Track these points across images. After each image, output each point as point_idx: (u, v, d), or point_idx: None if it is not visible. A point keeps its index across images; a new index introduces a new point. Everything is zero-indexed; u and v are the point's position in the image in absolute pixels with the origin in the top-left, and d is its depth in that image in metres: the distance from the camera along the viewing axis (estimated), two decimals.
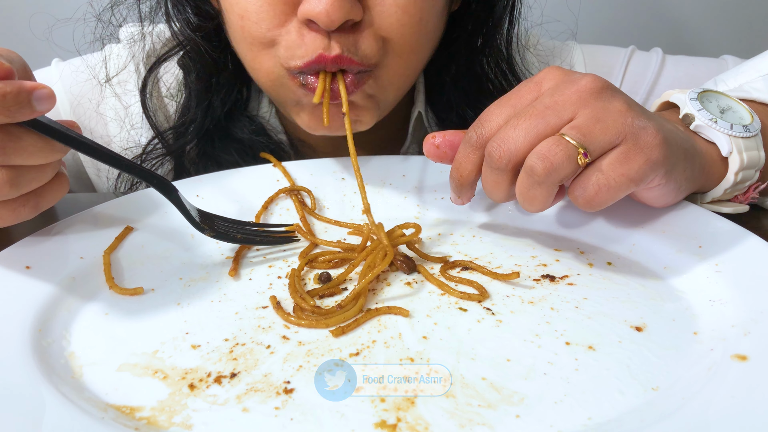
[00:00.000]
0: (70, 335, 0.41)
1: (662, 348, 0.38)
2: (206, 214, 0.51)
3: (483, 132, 0.46)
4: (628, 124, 0.42)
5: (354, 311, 0.42)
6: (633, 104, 0.45)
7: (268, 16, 0.53)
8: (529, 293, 0.44)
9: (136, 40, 0.72)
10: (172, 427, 0.33)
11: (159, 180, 0.48)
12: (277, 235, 0.53)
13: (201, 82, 0.69)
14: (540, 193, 0.43)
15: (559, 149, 0.41)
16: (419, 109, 0.73)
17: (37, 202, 0.44)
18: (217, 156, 0.70)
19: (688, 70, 0.78)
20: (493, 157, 0.44)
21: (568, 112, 0.43)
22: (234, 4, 0.55)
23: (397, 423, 0.33)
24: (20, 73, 0.43)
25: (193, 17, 0.68)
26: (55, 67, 0.76)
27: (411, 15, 0.54)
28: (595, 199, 0.42)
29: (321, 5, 0.49)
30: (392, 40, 0.55)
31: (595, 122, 0.42)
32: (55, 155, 0.43)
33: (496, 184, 0.45)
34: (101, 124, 0.75)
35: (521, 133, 0.43)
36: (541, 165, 0.41)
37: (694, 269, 0.45)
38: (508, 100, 0.46)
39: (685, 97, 0.53)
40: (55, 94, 0.40)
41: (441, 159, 0.50)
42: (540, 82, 0.46)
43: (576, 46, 0.80)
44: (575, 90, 0.44)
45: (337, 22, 0.50)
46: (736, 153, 0.50)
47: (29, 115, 0.39)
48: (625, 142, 0.42)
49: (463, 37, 0.69)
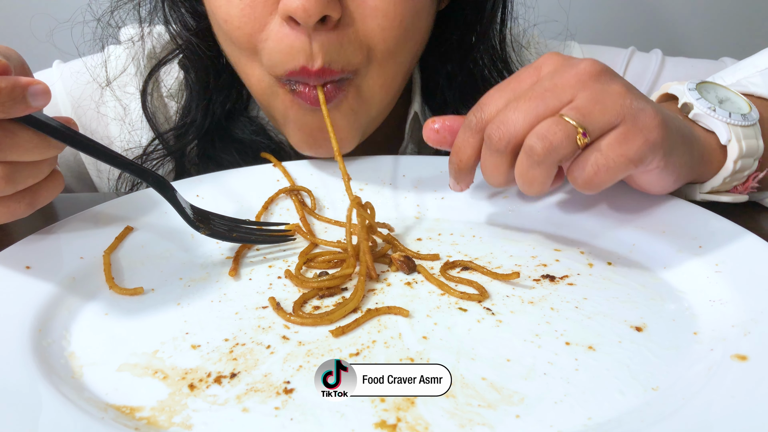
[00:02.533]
0: (70, 335, 0.41)
1: (662, 348, 0.38)
2: (202, 212, 0.51)
3: (482, 115, 0.46)
4: (627, 105, 0.43)
5: (354, 302, 0.43)
6: (631, 87, 0.45)
7: (249, 19, 0.53)
8: (529, 293, 0.44)
9: (136, 42, 0.72)
10: (172, 427, 0.33)
11: (155, 177, 0.48)
12: (274, 234, 0.53)
13: (200, 82, 0.69)
14: (539, 174, 0.43)
15: (558, 129, 0.41)
16: (415, 109, 0.73)
17: (32, 200, 0.44)
18: (218, 156, 0.70)
19: (687, 72, 0.79)
20: (492, 139, 0.44)
21: (568, 94, 0.43)
22: (217, 8, 0.55)
23: (397, 423, 0.33)
24: (18, 70, 0.43)
25: (189, 18, 0.68)
26: (56, 68, 0.76)
27: (391, 18, 0.54)
28: (594, 180, 0.43)
29: (298, 0, 0.49)
30: (374, 47, 0.55)
31: (594, 103, 0.42)
32: (51, 152, 0.42)
33: (496, 167, 0.46)
34: (102, 125, 0.75)
35: (520, 115, 0.43)
36: (541, 144, 0.42)
37: (694, 269, 0.45)
38: (507, 84, 0.47)
39: (683, 88, 0.53)
40: (50, 90, 0.40)
41: (440, 144, 0.50)
42: (539, 67, 0.47)
43: (576, 46, 0.80)
44: (574, 73, 0.44)
45: (315, 17, 0.49)
46: (735, 141, 0.50)
47: (24, 111, 0.39)
48: (624, 123, 0.42)
49: (455, 36, 0.69)
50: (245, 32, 0.54)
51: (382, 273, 0.48)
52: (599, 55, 0.80)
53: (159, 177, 0.48)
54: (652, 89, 0.78)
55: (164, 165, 0.72)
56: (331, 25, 0.52)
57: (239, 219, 0.53)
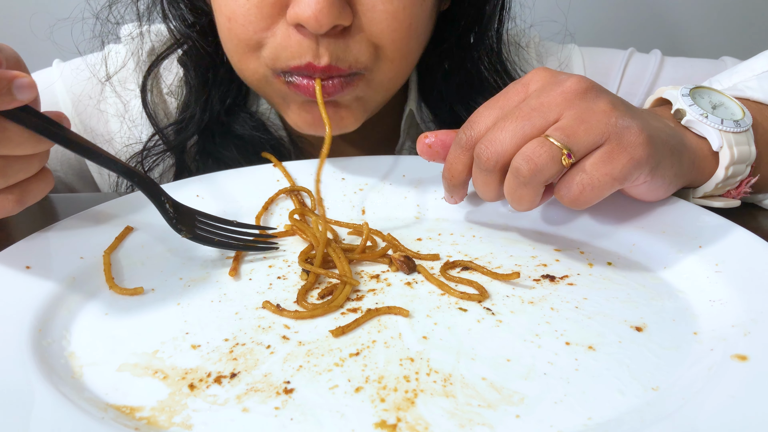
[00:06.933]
0: (70, 335, 0.41)
1: (662, 348, 0.38)
2: (190, 213, 0.50)
3: (472, 134, 0.47)
4: (612, 123, 0.43)
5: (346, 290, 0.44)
6: (618, 104, 0.45)
7: (256, 18, 0.53)
8: (529, 293, 0.44)
9: (135, 38, 0.72)
10: (172, 427, 0.33)
11: (140, 178, 0.47)
12: (257, 241, 0.52)
13: (199, 78, 0.69)
14: (527, 193, 0.44)
15: (543, 151, 0.42)
16: (411, 107, 0.73)
17: (21, 196, 0.44)
18: (217, 152, 0.70)
19: (686, 72, 0.79)
20: (481, 158, 0.45)
21: (554, 113, 0.44)
22: (222, 5, 0.55)
23: (397, 423, 0.33)
24: (12, 65, 0.43)
25: (188, 14, 0.68)
26: (56, 67, 0.77)
27: (401, 21, 0.54)
28: (580, 198, 0.43)
29: (310, 10, 0.49)
30: (383, 47, 0.55)
31: (579, 123, 0.43)
32: (42, 146, 0.42)
33: (486, 184, 0.47)
34: (102, 122, 0.75)
35: (508, 134, 0.44)
36: (526, 166, 0.43)
37: (694, 269, 0.45)
38: (496, 101, 0.47)
39: (677, 93, 0.53)
40: (36, 84, 0.40)
41: (434, 158, 0.51)
42: (527, 83, 0.47)
43: (575, 48, 0.80)
44: (560, 91, 0.45)
45: (326, 27, 0.50)
46: (727, 148, 0.51)
47: (10, 104, 0.39)
48: (609, 142, 0.43)
49: (454, 35, 0.70)
50: (250, 30, 0.54)
51: (382, 273, 0.48)
52: (598, 57, 0.80)
53: (145, 177, 0.47)
54: (651, 90, 0.78)
55: (165, 161, 0.72)
56: (339, 31, 0.52)
57: (230, 221, 0.52)
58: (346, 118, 0.59)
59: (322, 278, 0.47)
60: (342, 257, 0.48)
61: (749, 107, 0.54)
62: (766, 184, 0.56)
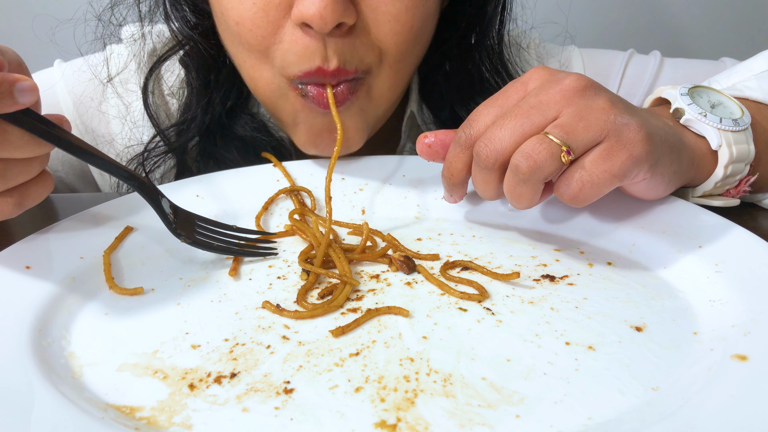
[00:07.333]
0: (70, 335, 0.41)
1: (662, 348, 0.38)
2: (190, 218, 0.50)
3: (471, 132, 0.47)
4: (611, 121, 0.43)
5: (350, 281, 0.44)
6: (617, 101, 0.45)
7: (263, 22, 0.53)
8: (529, 293, 0.44)
9: (137, 40, 0.72)
10: (172, 427, 0.33)
11: (139, 181, 0.47)
12: (256, 247, 0.52)
13: (200, 79, 0.69)
14: (526, 191, 0.44)
15: (542, 148, 0.42)
16: (412, 108, 0.73)
17: (20, 199, 0.44)
18: (219, 154, 0.70)
19: (686, 73, 0.79)
20: (480, 156, 0.45)
21: (553, 111, 0.44)
22: (229, 10, 0.55)
23: (397, 423, 0.33)
24: (14, 68, 0.43)
25: (191, 15, 0.68)
26: (57, 67, 0.77)
27: (403, 23, 0.54)
28: (579, 196, 0.43)
29: (314, 7, 0.49)
30: (386, 49, 0.55)
31: (578, 120, 0.43)
32: (42, 149, 0.42)
33: (485, 183, 0.47)
34: (104, 123, 0.75)
35: (507, 132, 0.44)
36: (526, 163, 0.43)
37: (694, 269, 0.45)
38: (495, 100, 0.48)
39: (675, 92, 0.53)
40: (37, 88, 0.40)
41: (433, 158, 0.52)
42: (526, 82, 0.48)
43: (575, 49, 0.81)
44: (559, 89, 0.45)
45: (331, 24, 0.50)
46: (726, 146, 0.51)
47: (11, 107, 0.39)
48: (608, 139, 0.43)
49: (455, 36, 0.70)
50: (258, 35, 0.54)
51: (382, 273, 0.48)
52: (598, 58, 0.80)
53: (143, 181, 0.47)
54: (650, 91, 0.78)
55: (166, 162, 0.72)
56: (345, 30, 0.52)
57: (229, 226, 0.52)
58: (352, 138, 0.60)
59: (322, 278, 0.47)
60: (342, 257, 0.48)
61: (748, 107, 0.54)
62: (766, 183, 0.57)
